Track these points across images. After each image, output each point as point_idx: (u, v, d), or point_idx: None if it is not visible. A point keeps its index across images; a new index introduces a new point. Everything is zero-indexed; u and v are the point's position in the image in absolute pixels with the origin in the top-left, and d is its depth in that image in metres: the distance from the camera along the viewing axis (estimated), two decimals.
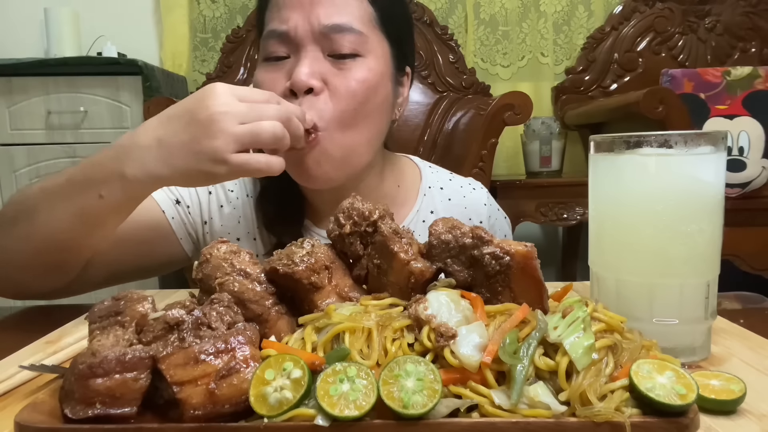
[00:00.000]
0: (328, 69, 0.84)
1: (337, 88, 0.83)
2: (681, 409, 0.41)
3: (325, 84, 0.83)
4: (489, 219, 1.05)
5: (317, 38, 0.84)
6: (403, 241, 0.55)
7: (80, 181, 0.72)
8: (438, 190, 1.04)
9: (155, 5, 2.66)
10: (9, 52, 2.47)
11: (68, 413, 0.43)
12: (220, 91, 0.68)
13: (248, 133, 0.67)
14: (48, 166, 2.23)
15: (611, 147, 0.59)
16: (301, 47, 0.84)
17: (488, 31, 2.72)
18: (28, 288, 0.84)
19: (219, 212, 0.99)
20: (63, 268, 0.81)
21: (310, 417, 0.41)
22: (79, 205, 0.72)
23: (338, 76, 0.84)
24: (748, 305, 0.83)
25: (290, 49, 0.85)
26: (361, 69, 0.85)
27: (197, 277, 0.55)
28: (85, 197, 0.71)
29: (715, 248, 0.59)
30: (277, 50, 0.86)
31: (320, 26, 0.83)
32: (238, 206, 1.00)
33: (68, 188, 0.73)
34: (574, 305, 0.48)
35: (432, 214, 1.01)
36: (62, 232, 0.74)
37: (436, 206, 1.02)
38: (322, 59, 0.84)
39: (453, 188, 1.06)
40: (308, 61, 0.83)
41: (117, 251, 0.88)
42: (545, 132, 2.48)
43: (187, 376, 0.43)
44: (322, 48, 0.84)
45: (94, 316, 0.51)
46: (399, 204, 1.01)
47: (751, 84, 2.18)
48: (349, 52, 0.84)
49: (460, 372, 0.44)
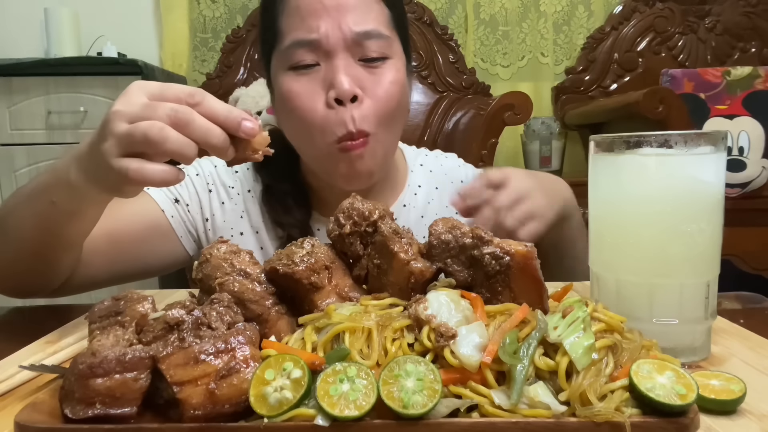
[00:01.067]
0: (362, 74, 0.87)
1: (375, 92, 0.87)
2: (681, 409, 0.41)
3: (363, 90, 0.86)
4: (467, 176, 1.11)
5: (348, 45, 0.86)
6: (403, 241, 0.55)
7: (37, 188, 0.72)
8: (419, 166, 1.10)
9: (155, 5, 2.66)
10: (9, 52, 2.47)
11: (68, 413, 0.43)
12: (132, 89, 0.61)
13: (125, 134, 0.58)
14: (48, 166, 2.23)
15: (611, 147, 0.59)
16: (333, 55, 0.86)
17: (488, 31, 2.72)
18: (21, 288, 0.84)
19: (221, 209, 0.99)
20: (45, 273, 0.80)
21: (310, 417, 0.41)
22: (36, 211, 0.71)
23: (372, 80, 0.87)
24: (748, 305, 0.83)
25: (319, 57, 0.86)
26: (391, 71, 0.89)
27: (197, 277, 0.55)
28: (40, 203, 0.70)
29: (715, 248, 0.59)
30: (305, 58, 0.86)
31: (351, 33, 0.85)
32: (240, 201, 1.01)
33: (29, 194, 0.73)
34: (574, 305, 0.48)
35: (420, 187, 1.07)
36: (27, 240, 0.74)
37: (421, 180, 1.08)
38: (354, 65, 0.87)
39: (430, 162, 1.12)
40: (345, 69, 0.85)
41: (117, 251, 0.88)
42: (545, 132, 2.48)
43: (187, 376, 0.43)
44: (352, 54, 0.87)
45: (94, 316, 0.51)
46: (397, 184, 1.06)
47: (751, 84, 2.18)
48: (378, 56, 0.88)
49: (460, 372, 0.44)
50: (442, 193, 1.07)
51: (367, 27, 0.86)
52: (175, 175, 0.59)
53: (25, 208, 0.73)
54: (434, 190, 1.07)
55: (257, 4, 2.66)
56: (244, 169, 1.03)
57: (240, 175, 1.02)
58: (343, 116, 0.85)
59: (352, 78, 0.85)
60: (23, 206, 0.73)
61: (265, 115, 2.33)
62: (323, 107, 0.86)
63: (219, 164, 1.02)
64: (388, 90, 0.88)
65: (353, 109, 0.85)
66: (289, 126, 0.93)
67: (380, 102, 0.87)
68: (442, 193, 1.07)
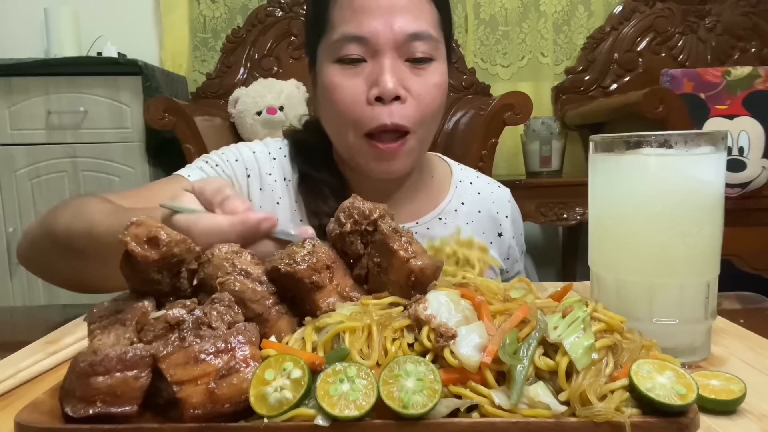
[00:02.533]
0: (408, 74, 0.88)
1: (420, 93, 0.89)
2: (681, 409, 0.41)
3: (407, 89, 0.88)
4: (512, 214, 1.11)
5: (397, 45, 0.87)
6: (402, 240, 0.55)
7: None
8: (468, 184, 1.10)
9: (155, 5, 2.66)
10: (9, 52, 2.47)
11: (69, 411, 0.43)
12: None
13: None
14: (48, 166, 2.23)
15: (611, 147, 0.59)
16: (381, 53, 0.87)
17: (488, 31, 2.72)
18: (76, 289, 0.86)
19: (260, 194, 1.00)
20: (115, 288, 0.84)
21: (310, 417, 0.41)
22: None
23: (418, 82, 0.89)
24: (748, 305, 0.83)
25: (367, 53, 0.88)
26: (436, 73, 0.90)
27: (198, 276, 0.55)
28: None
29: (715, 248, 0.59)
30: (353, 53, 0.88)
31: (402, 34, 0.86)
32: (276, 189, 1.01)
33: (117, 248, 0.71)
34: (574, 305, 0.48)
35: (463, 205, 1.07)
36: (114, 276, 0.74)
37: (466, 198, 1.08)
38: (401, 65, 0.88)
39: (481, 184, 1.11)
40: (392, 69, 0.86)
41: None
42: (545, 132, 2.48)
43: (187, 376, 0.43)
44: (399, 54, 0.88)
45: (93, 317, 0.51)
46: (434, 193, 1.06)
47: (751, 84, 2.18)
48: (425, 57, 0.89)
49: (460, 372, 0.44)
50: (483, 218, 1.07)
51: (418, 28, 0.87)
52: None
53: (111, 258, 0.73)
54: (477, 213, 1.07)
55: (257, 4, 2.66)
56: (281, 157, 1.03)
57: (277, 162, 1.03)
58: (379, 112, 0.86)
59: (398, 78, 0.86)
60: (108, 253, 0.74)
61: (265, 114, 2.33)
62: (363, 103, 0.87)
63: (257, 150, 1.03)
64: (432, 92, 0.89)
65: (394, 107, 0.87)
66: (327, 117, 0.95)
67: (423, 104, 0.89)
68: (482, 219, 1.07)
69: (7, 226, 2.23)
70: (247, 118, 2.35)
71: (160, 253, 0.49)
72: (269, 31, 2.62)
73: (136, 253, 0.49)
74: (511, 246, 1.09)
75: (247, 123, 2.36)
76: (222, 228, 0.57)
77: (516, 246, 1.11)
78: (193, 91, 2.65)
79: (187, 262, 0.54)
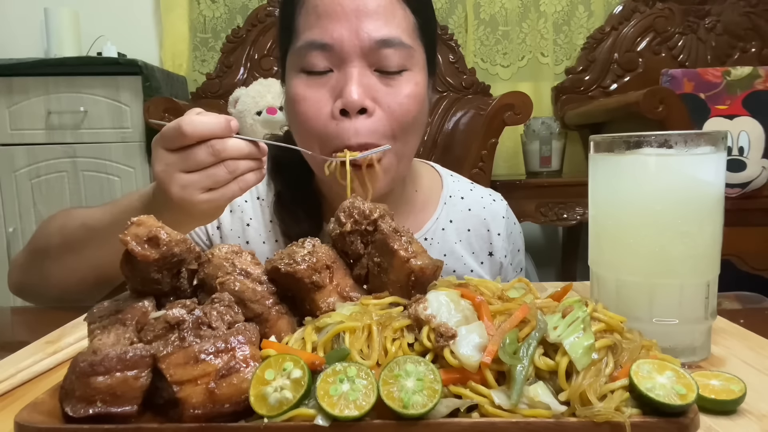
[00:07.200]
0: (377, 85, 0.81)
1: (390, 105, 0.81)
2: (681, 409, 0.41)
3: (375, 101, 0.81)
4: (506, 231, 1.04)
5: (365, 53, 0.80)
6: (402, 239, 0.55)
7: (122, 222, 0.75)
8: (459, 199, 1.03)
9: (155, 5, 2.66)
10: (9, 52, 2.47)
11: (69, 411, 0.43)
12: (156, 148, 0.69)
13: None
14: (48, 166, 2.23)
15: (611, 147, 0.59)
16: (347, 62, 0.80)
17: (488, 31, 2.72)
18: (71, 299, 0.87)
19: (230, 216, 0.98)
20: (108, 285, 0.87)
21: (310, 417, 0.41)
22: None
23: (388, 93, 0.81)
24: (748, 305, 0.83)
25: (333, 63, 0.81)
26: (409, 84, 0.83)
27: (198, 276, 0.55)
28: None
29: (715, 248, 0.59)
30: (317, 63, 0.81)
31: (370, 40, 0.79)
32: (247, 209, 0.98)
33: (112, 229, 0.71)
34: (574, 305, 0.48)
35: (451, 223, 1.00)
36: (109, 264, 0.74)
37: (455, 216, 1.01)
38: (369, 75, 0.81)
39: (473, 199, 1.04)
40: (358, 79, 0.79)
41: None
42: (545, 132, 2.48)
43: (187, 376, 0.43)
44: (368, 62, 0.81)
45: (92, 317, 0.51)
46: (418, 209, 1.00)
47: (751, 84, 2.18)
48: (396, 68, 0.82)
49: (460, 372, 0.44)
50: (471, 236, 1.01)
51: (388, 34, 0.80)
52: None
53: (107, 242, 0.76)
54: (466, 231, 1.00)
55: (257, 4, 2.66)
56: None
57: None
58: (343, 129, 0.80)
59: (365, 89, 0.79)
60: (104, 240, 0.78)
61: (265, 115, 2.33)
62: (327, 117, 0.81)
63: None
64: (404, 104, 0.82)
65: (360, 121, 0.79)
66: (293, 131, 0.89)
67: (394, 116, 0.81)
68: (471, 237, 1.01)
69: (7, 226, 2.23)
70: (247, 118, 2.35)
71: (160, 253, 0.49)
72: (269, 31, 2.62)
73: (136, 252, 0.49)
74: (503, 265, 1.03)
75: (247, 123, 2.35)
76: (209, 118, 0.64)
77: (510, 265, 1.04)
78: (193, 91, 2.64)
79: (187, 262, 0.54)
